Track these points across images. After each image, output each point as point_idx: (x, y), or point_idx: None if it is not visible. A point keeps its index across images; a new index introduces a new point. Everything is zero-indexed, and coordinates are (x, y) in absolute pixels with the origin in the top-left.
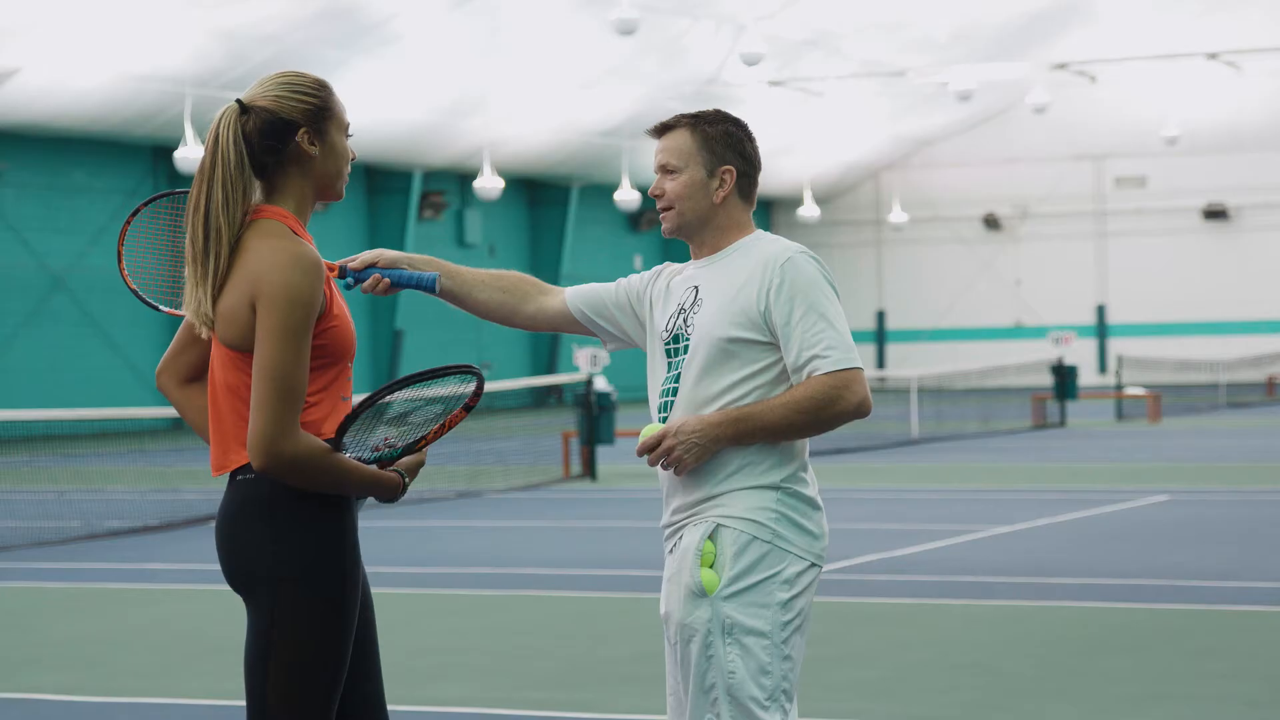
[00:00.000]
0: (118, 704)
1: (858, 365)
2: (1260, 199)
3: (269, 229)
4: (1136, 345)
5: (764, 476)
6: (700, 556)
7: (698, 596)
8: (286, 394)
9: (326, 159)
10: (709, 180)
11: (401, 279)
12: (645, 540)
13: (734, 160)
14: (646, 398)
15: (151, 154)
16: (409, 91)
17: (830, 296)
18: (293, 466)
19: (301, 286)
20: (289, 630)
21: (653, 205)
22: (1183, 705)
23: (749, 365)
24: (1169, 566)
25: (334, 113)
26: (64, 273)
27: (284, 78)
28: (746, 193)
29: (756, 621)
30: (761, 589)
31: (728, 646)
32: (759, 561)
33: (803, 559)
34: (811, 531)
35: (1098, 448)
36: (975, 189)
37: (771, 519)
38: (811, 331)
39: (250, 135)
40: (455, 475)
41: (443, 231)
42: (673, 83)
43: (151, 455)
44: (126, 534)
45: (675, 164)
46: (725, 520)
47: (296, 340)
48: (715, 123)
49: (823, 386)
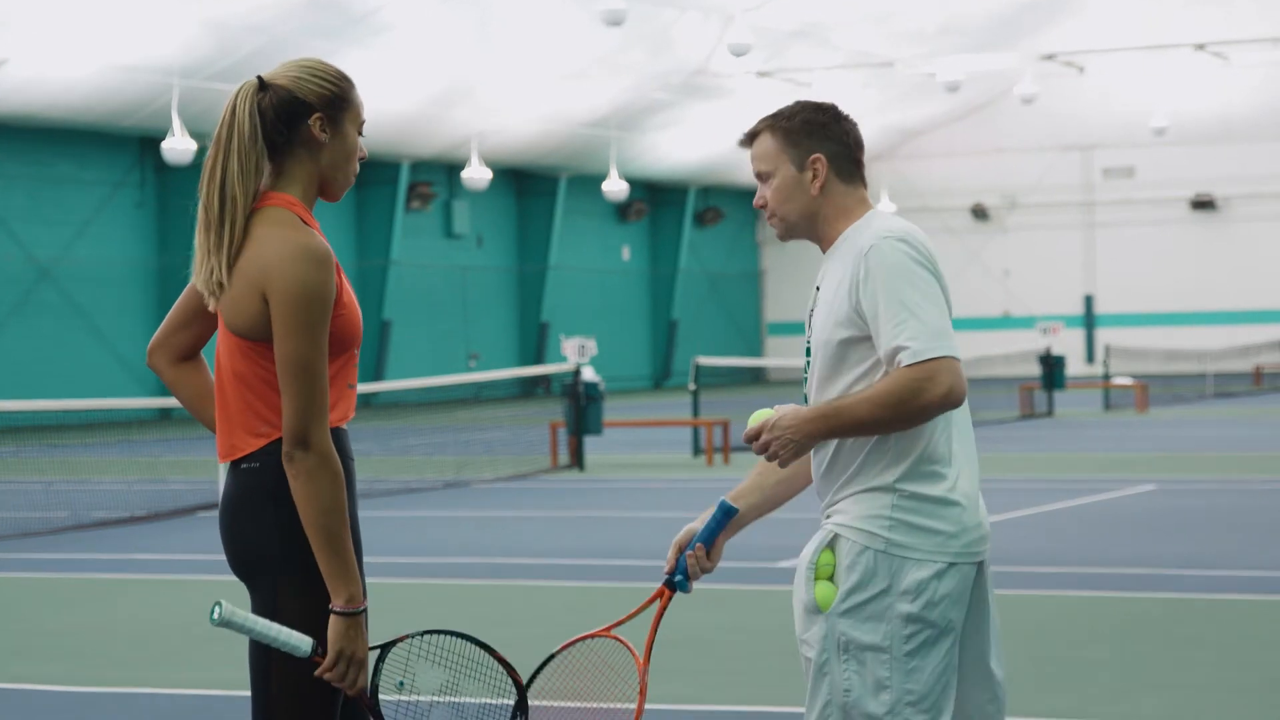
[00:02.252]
0: (105, 694)
1: (945, 354)
2: (1248, 190)
3: (277, 217)
4: (1124, 335)
5: (879, 477)
6: (815, 570)
7: (812, 614)
8: (313, 386)
9: (336, 149)
10: (802, 175)
11: (708, 533)
12: (633, 530)
13: (822, 146)
14: (633, 388)
15: (139, 145)
16: (397, 82)
17: (916, 282)
18: (322, 458)
19: (315, 281)
20: (290, 621)
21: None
22: (1169, 694)
23: (862, 364)
24: (1156, 556)
25: (351, 105)
26: (51, 264)
27: (307, 62)
28: (849, 174)
29: (873, 637)
30: (878, 602)
31: (844, 663)
32: (873, 574)
33: (932, 562)
34: (941, 531)
35: (1085, 437)
36: (963, 179)
37: (884, 527)
38: (894, 322)
39: (265, 111)
40: (443, 465)
41: (430, 222)
42: (661, 73)
43: (139, 446)
44: (114, 524)
45: (766, 169)
46: (841, 529)
47: (315, 333)
48: (793, 115)
49: (905, 379)
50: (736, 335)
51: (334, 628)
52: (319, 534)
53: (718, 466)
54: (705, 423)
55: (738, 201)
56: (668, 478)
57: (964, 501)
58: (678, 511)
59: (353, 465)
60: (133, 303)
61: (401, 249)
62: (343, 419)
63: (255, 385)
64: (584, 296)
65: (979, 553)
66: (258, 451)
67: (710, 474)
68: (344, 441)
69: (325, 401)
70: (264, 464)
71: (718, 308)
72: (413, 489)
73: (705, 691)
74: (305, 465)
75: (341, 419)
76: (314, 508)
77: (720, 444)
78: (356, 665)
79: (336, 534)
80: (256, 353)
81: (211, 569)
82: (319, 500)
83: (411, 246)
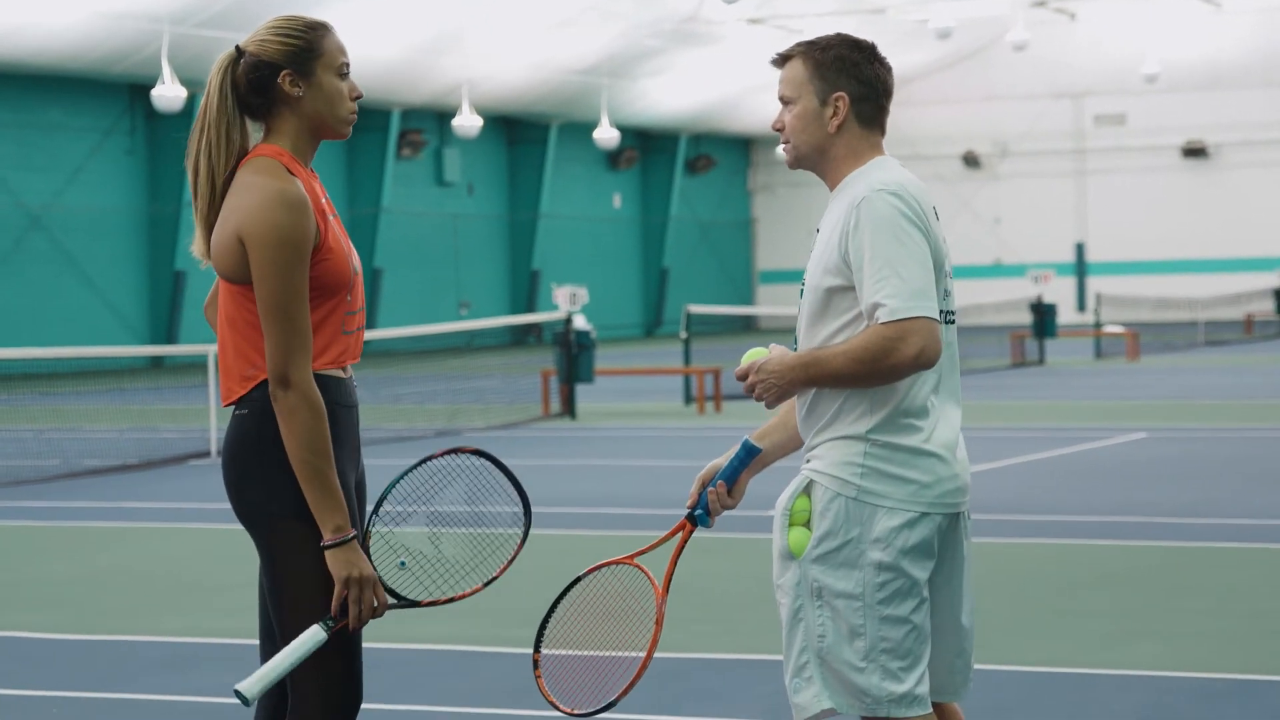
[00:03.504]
0: (98, 641)
1: (920, 314)
2: (1239, 137)
3: (259, 166)
4: (1115, 284)
5: (853, 425)
6: (790, 516)
7: (786, 559)
8: (289, 326)
9: (314, 98)
10: (822, 109)
11: (730, 471)
12: (624, 478)
13: (848, 85)
14: (625, 336)
15: (129, 92)
16: (387, 29)
17: (902, 238)
18: (302, 396)
19: (285, 224)
20: (290, 564)
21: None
22: (1161, 642)
23: (847, 313)
24: (1147, 504)
25: (321, 53)
26: (41, 211)
27: (275, 21)
28: (869, 118)
29: (845, 584)
30: (850, 549)
31: (817, 610)
32: (844, 520)
33: (904, 510)
34: (914, 480)
35: (1076, 386)
36: (955, 127)
37: (856, 474)
38: (876, 277)
39: (239, 81)
40: (434, 414)
41: (421, 170)
42: (651, 20)
43: (130, 394)
44: (106, 472)
45: (790, 95)
46: (816, 475)
47: (289, 275)
48: (829, 48)
49: (878, 336)
50: (728, 283)
51: (332, 561)
52: (303, 468)
53: (709, 415)
54: (696, 371)
55: (729, 149)
56: (659, 426)
57: (941, 452)
58: (669, 460)
59: (355, 414)
60: (123, 250)
61: (392, 197)
62: (336, 362)
63: (243, 329)
64: (575, 244)
65: (955, 504)
66: (247, 398)
67: (701, 422)
68: (344, 387)
69: (305, 341)
70: (252, 410)
71: (709, 256)
72: (404, 437)
73: (699, 640)
74: (288, 403)
75: (335, 362)
76: (297, 443)
77: (711, 392)
78: (369, 585)
79: (320, 469)
80: (244, 296)
81: (203, 517)
82: (301, 436)
83: (402, 194)
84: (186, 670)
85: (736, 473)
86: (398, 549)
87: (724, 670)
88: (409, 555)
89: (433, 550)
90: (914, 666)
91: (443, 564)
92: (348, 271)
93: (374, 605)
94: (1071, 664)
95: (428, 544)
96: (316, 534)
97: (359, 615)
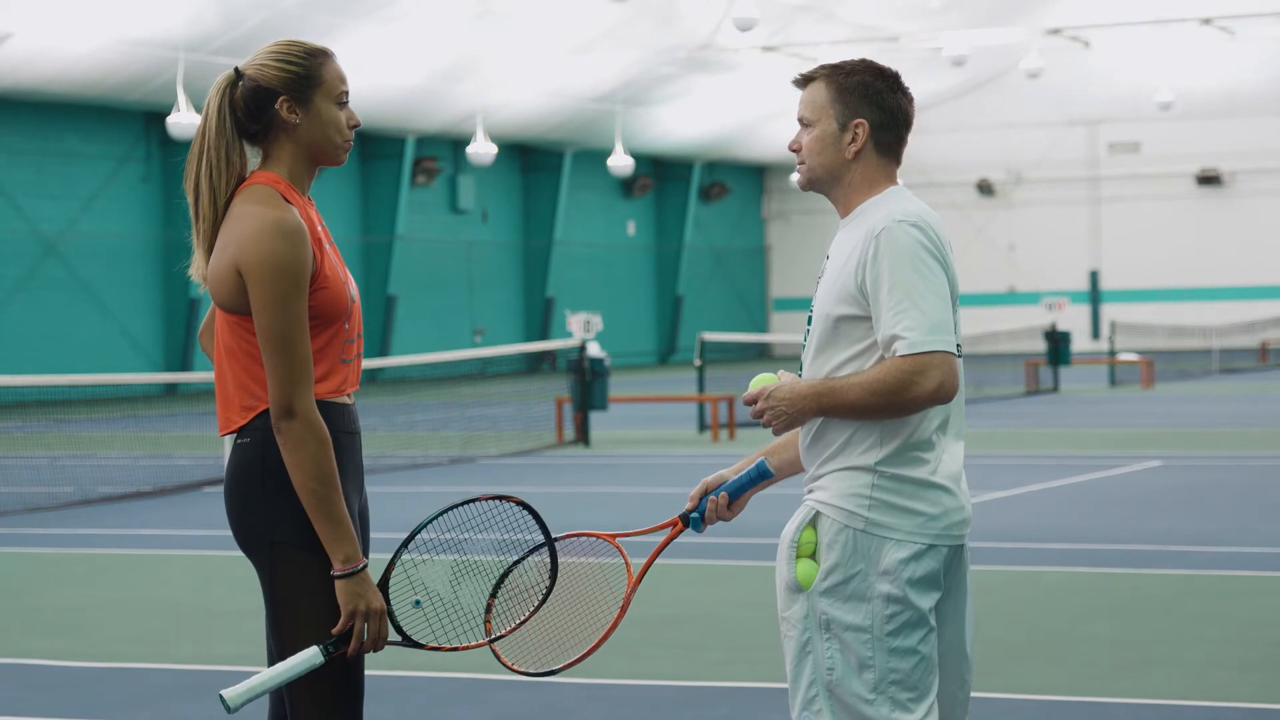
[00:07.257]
0: (110, 669)
1: (940, 349)
2: (1254, 165)
3: (255, 194)
4: (1130, 311)
5: (862, 457)
6: (797, 547)
7: (794, 592)
8: (290, 356)
9: (311, 126)
10: (841, 134)
11: (738, 486)
12: (638, 506)
13: (869, 113)
14: (639, 364)
15: (144, 119)
16: (402, 57)
17: (923, 270)
18: (308, 425)
19: (283, 254)
20: (291, 593)
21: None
22: (1175, 670)
23: (858, 343)
24: (1161, 532)
25: (320, 81)
26: (56, 239)
27: (276, 46)
28: (887, 147)
29: (855, 616)
30: (858, 581)
31: (826, 642)
32: (852, 552)
33: (912, 542)
34: (921, 512)
35: (1091, 413)
36: (969, 154)
37: (864, 506)
38: (895, 309)
39: (236, 104)
40: (449, 441)
41: (436, 197)
42: (666, 48)
43: (144, 421)
44: (119, 499)
45: (809, 117)
46: (822, 506)
47: (288, 305)
48: (853, 73)
49: (897, 370)
50: (741, 311)
51: (340, 592)
52: (310, 499)
53: (723, 442)
54: (710, 398)
55: (743, 177)
56: (673, 453)
57: (947, 484)
58: (683, 487)
59: (358, 440)
60: (138, 277)
61: (407, 224)
62: (338, 391)
63: (242, 358)
64: (589, 272)
65: (959, 535)
66: (249, 426)
67: (716, 449)
68: (347, 414)
69: (307, 371)
70: (254, 439)
71: (723, 283)
72: (418, 464)
73: (708, 669)
74: (292, 434)
75: (337, 391)
76: (304, 474)
77: (725, 419)
78: (375, 618)
79: (327, 499)
80: (242, 326)
81: (216, 544)
82: (307, 466)
83: (417, 221)
84: (198, 697)
85: (743, 490)
86: (417, 585)
87: (733, 698)
88: (425, 594)
89: (450, 593)
90: (923, 697)
91: (457, 610)
92: (345, 300)
93: (377, 638)
94: (1086, 692)
95: (447, 586)
96: (319, 562)
97: (359, 647)
